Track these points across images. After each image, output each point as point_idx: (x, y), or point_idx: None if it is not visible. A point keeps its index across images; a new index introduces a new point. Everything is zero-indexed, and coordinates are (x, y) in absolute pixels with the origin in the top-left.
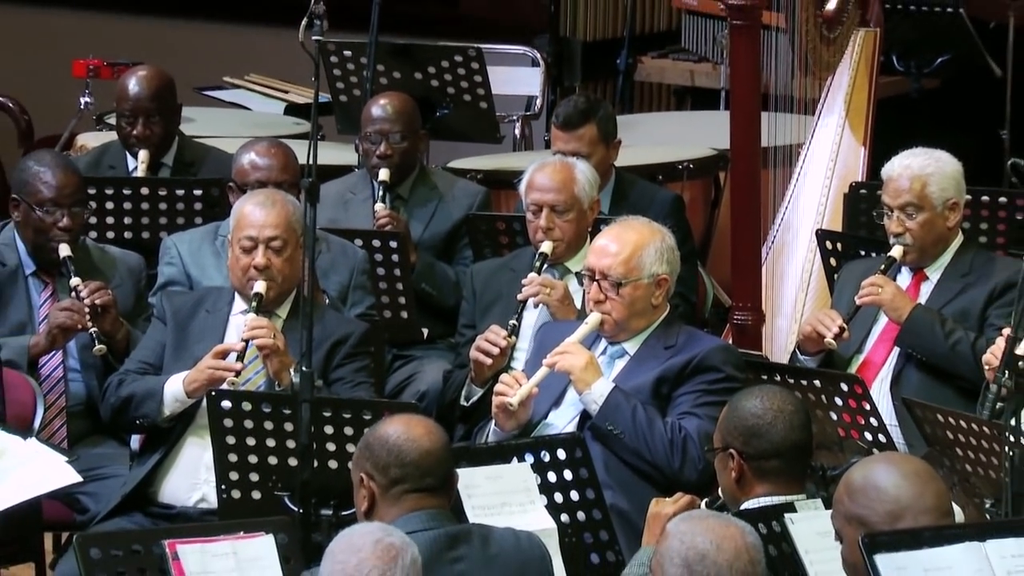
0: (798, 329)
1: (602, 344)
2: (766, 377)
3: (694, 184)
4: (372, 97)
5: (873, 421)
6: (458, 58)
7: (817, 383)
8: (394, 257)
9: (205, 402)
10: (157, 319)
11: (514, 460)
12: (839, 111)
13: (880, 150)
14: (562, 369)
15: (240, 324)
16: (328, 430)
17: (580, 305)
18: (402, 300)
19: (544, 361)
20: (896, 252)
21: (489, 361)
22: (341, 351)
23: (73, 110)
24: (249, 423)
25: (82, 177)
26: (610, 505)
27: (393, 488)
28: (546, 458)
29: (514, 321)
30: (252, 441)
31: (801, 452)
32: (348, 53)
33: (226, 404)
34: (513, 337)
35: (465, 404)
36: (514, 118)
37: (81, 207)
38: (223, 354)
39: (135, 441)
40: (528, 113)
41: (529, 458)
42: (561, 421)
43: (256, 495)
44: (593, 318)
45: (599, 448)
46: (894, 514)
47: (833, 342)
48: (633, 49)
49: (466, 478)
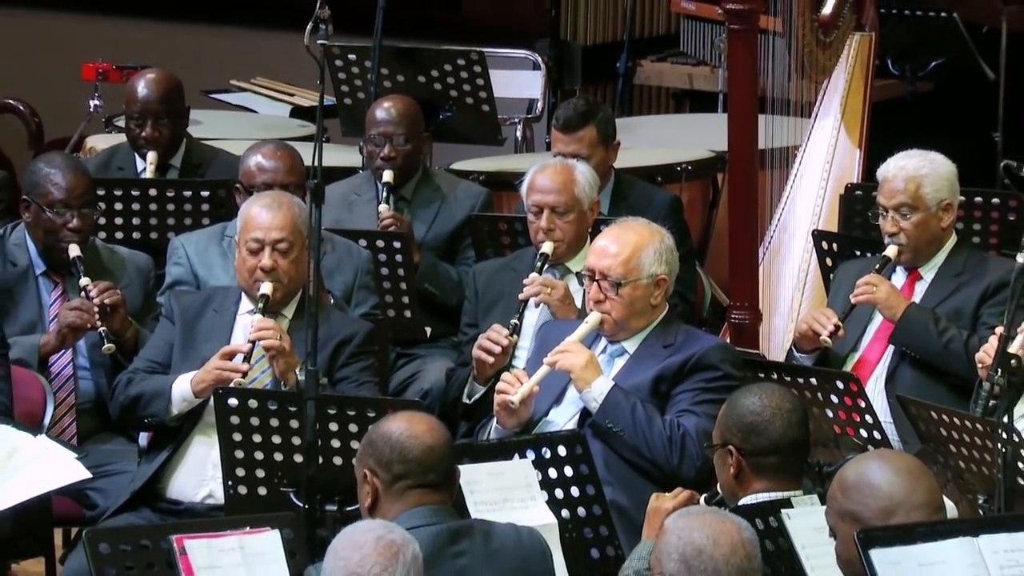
0: (794, 327)
1: (602, 343)
2: (763, 375)
3: (692, 185)
4: (376, 100)
5: (868, 418)
6: (460, 62)
7: (813, 381)
8: (398, 257)
9: (212, 400)
10: (165, 318)
11: (515, 456)
12: (835, 114)
13: (875, 152)
14: (562, 368)
15: (247, 324)
16: (333, 427)
17: (580, 304)
18: (405, 300)
19: (545, 360)
20: (891, 252)
21: (491, 360)
22: (346, 351)
23: (83, 113)
24: (255, 420)
25: (91, 179)
26: (610, 501)
27: (396, 484)
28: (547, 455)
29: (515, 320)
30: (258, 438)
31: (798, 449)
32: (352, 57)
33: (233, 402)
34: (515, 336)
35: (467, 402)
36: (515, 120)
37: (91, 208)
38: (230, 355)
39: (143, 438)
40: (529, 116)
41: (530, 454)
42: (562, 419)
43: (262, 491)
44: (593, 317)
45: (599, 445)
46: (887, 510)
47: (829, 340)
48: (632, 53)
49: (468, 474)
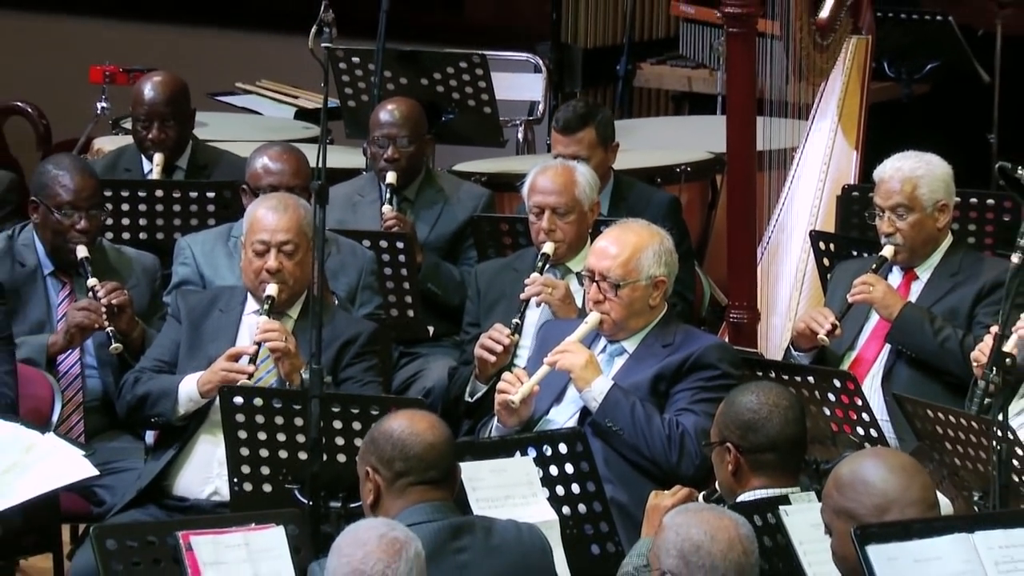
0: (792, 326)
1: (601, 342)
2: (761, 374)
3: (691, 186)
4: (380, 102)
5: (865, 416)
6: (463, 64)
7: (811, 379)
8: (401, 258)
9: (218, 399)
10: (172, 317)
11: (517, 454)
12: (832, 116)
13: (872, 154)
14: (563, 368)
15: (253, 324)
16: (337, 425)
17: (581, 304)
18: (408, 299)
19: (545, 360)
20: (887, 252)
21: (493, 358)
22: (351, 351)
23: (90, 115)
24: (260, 418)
25: (99, 181)
26: (610, 498)
27: (398, 481)
28: (548, 452)
29: (517, 320)
30: (263, 436)
31: (795, 446)
32: (356, 59)
33: (238, 400)
34: (516, 335)
35: (470, 400)
36: (517, 122)
37: (98, 210)
38: (236, 357)
39: (150, 436)
40: (531, 118)
41: (532, 452)
42: (562, 417)
43: (267, 488)
44: (593, 318)
45: (599, 443)
46: (881, 507)
47: (826, 339)
48: (632, 56)
49: (471, 471)
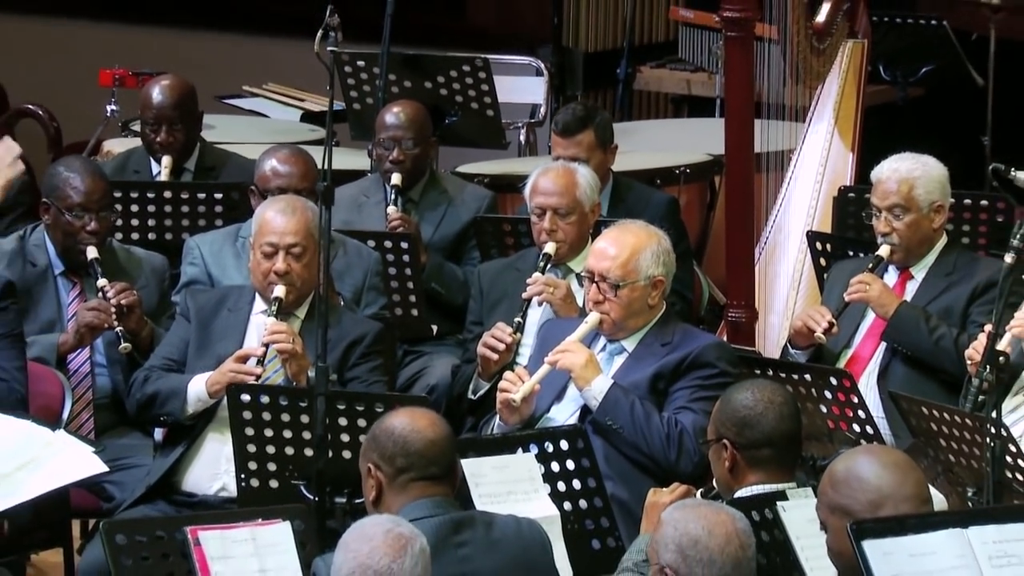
0: (789, 325)
1: (601, 342)
2: (759, 372)
3: (690, 188)
4: (385, 105)
5: (861, 413)
6: (466, 68)
7: (808, 377)
8: (405, 258)
9: (226, 397)
10: (181, 316)
11: (519, 450)
12: (828, 118)
13: (868, 155)
14: (563, 367)
15: (261, 323)
16: (342, 422)
17: (582, 303)
18: (413, 298)
19: (546, 359)
20: (883, 251)
21: (495, 356)
22: (357, 351)
23: (100, 117)
24: (267, 415)
25: (109, 183)
26: (610, 495)
27: (399, 477)
28: (550, 448)
29: (519, 319)
30: (270, 432)
31: (791, 441)
32: (361, 63)
33: (245, 398)
34: (518, 334)
35: (473, 397)
36: (519, 125)
37: (108, 211)
38: (244, 358)
39: (158, 433)
40: (532, 120)
41: (533, 449)
42: (562, 416)
43: (274, 484)
44: (592, 318)
45: (599, 441)
46: (875, 503)
47: (823, 336)
48: (632, 59)
49: (473, 468)
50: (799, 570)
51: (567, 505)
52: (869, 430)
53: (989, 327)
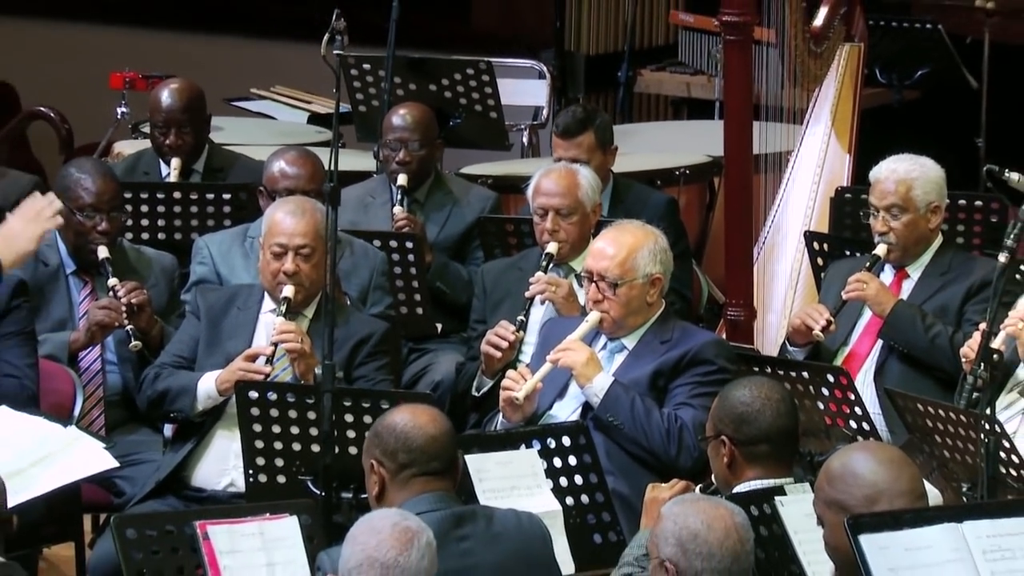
0: (787, 323)
1: (602, 340)
2: (757, 369)
3: (690, 188)
4: (392, 107)
5: (857, 410)
6: (469, 71)
7: (805, 374)
8: (410, 257)
9: (234, 394)
10: (191, 314)
11: (522, 447)
12: (826, 120)
13: (864, 157)
14: (564, 365)
15: (269, 322)
16: (348, 418)
17: (583, 301)
18: (418, 297)
19: (547, 358)
20: (880, 250)
21: (499, 354)
22: (363, 350)
23: (110, 120)
24: (275, 412)
25: (119, 184)
26: (611, 490)
27: (402, 472)
28: (552, 445)
29: (522, 317)
30: (277, 429)
31: (788, 437)
32: (367, 66)
33: (253, 395)
34: (521, 332)
35: (476, 394)
36: (522, 127)
37: (118, 212)
38: (254, 357)
39: (168, 429)
40: (535, 122)
41: (536, 445)
42: (564, 413)
43: (281, 479)
44: (593, 316)
45: (601, 437)
46: (871, 498)
47: (820, 334)
48: (633, 62)
49: (477, 463)
50: (796, 564)
51: (569, 500)
52: (865, 426)
53: (983, 325)
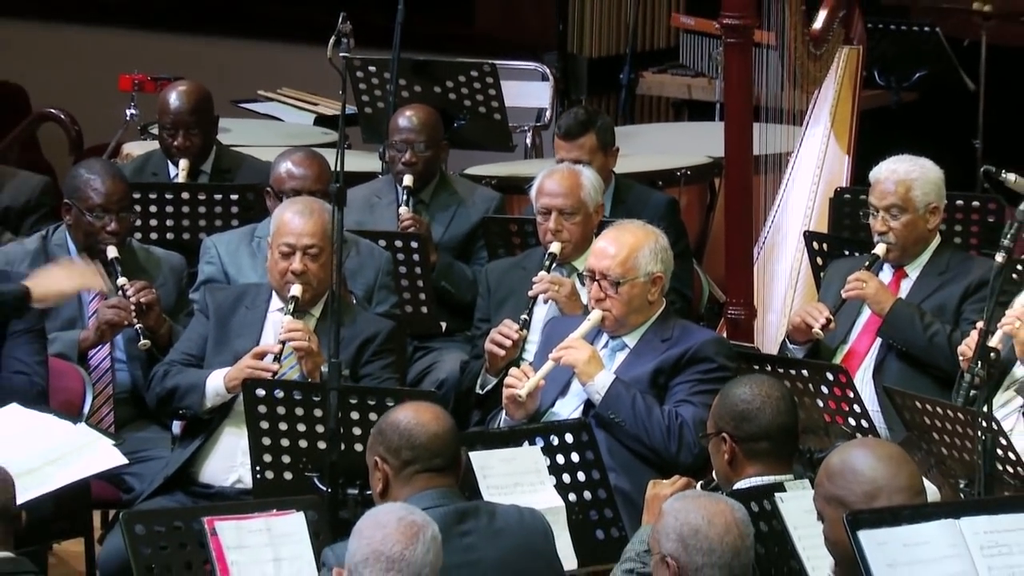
0: (787, 321)
1: (604, 338)
2: (758, 367)
3: (691, 189)
4: (399, 109)
5: (856, 408)
6: (474, 73)
7: (805, 373)
8: (415, 257)
9: (242, 391)
10: (200, 313)
11: (525, 444)
12: (825, 122)
13: (863, 158)
14: (567, 363)
15: (277, 321)
16: (354, 416)
17: (586, 300)
18: (423, 296)
19: (550, 355)
20: (880, 250)
21: (502, 352)
22: (370, 349)
23: (119, 121)
24: (282, 410)
25: (129, 184)
26: (613, 486)
27: (405, 469)
28: (555, 442)
29: (525, 316)
30: (284, 426)
31: (788, 434)
32: (372, 69)
33: (260, 392)
34: (524, 330)
35: (480, 392)
36: (525, 128)
37: (128, 212)
38: (262, 355)
39: (177, 426)
40: (538, 124)
41: (539, 442)
42: (566, 410)
43: (288, 476)
44: (595, 315)
45: (602, 434)
46: (870, 494)
47: (820, 332)
48: (635, 65)
49: (481, 460)
50: (796, 559)
51: (572, 496)
52: (864, 424)
53: (981, 324)
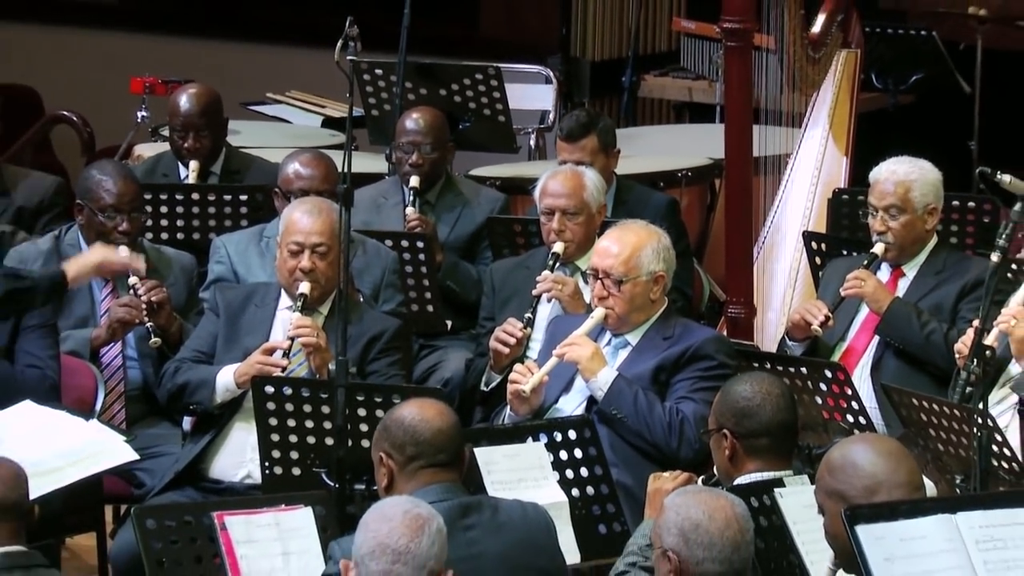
0: (786, 320)
1: (607, 336)
2: (757, 365)
3: (692, 190)
4: (406, 111)
5: (854, 404)
6: (478, 76)
7: (803, 370)
8: (421, 256)
9: (251, 389)
10: (210, 311)
11: (529, 440)
12: (823, 124)
13: (860, 159)
14: (570, 359)
15: (286, 319)
16: (361, 413)
17: (589, 299)
18: (428, 295)
19: (554, 352)
20: (878, 249)
21: (507, 350)
22: (376, 346)
23: (131, 123)
24: (290, 406)
25: (140, 185)
26: (616, 481)
27: (410, 464)
28: (558, 438)
29: (529, 314)
30: (293, 423)
31: (787, 431)
32: (379, 71)
33: (269, 389)
34: (528, 329)
35: (485, 389)
36: (529, 130)
37: (139, 212)
38: (271, 351)
39: (187, 422)
40: (542, 126)
41: (543, 438)
42: (570, 406)
43: (296, 471)
44: (598, 313)
45: (605, 430)
46: (870, 489)
47: (819, 329)
48: (637, 68)
49: (486, 456)
50: (795, 553)
51: (575, 492)
52: (862, 420)
53: (977, 323)
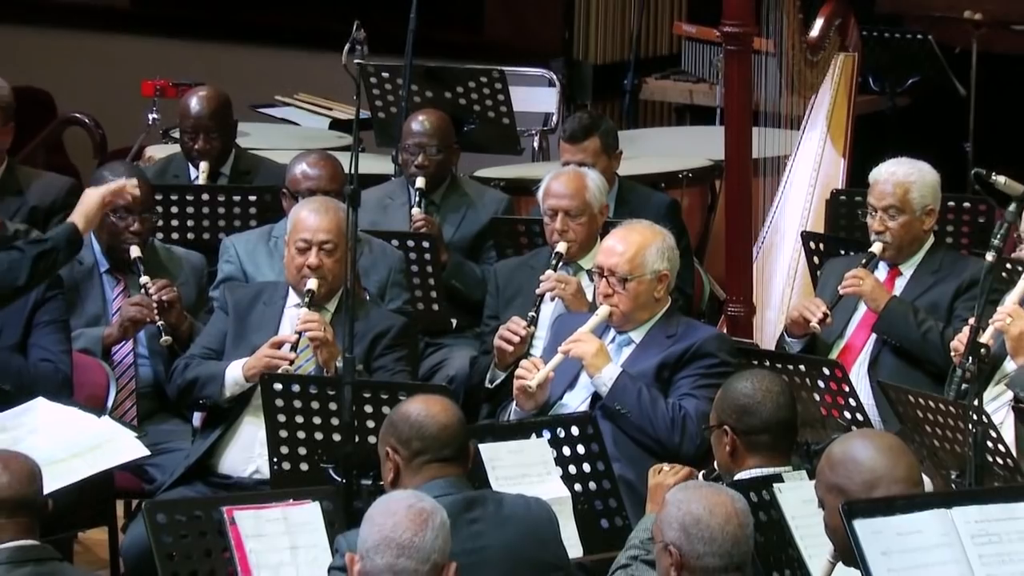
0: (785, 318)
1: (611, 333)
2: (756, 362)
3: (692, 191)
4: (412, 114)
5: (852, 401)
6: (483, 79)
7: (802, 368)
8: (427, 256)
9: (260, 386)
10: (219, 309)
11: (533, 436)
12: (821, 126)
13: (858, 161)
14: (575, 355)
15: (294, 316)
16: (368, 409)
17: (591, 298)
18: (433, 294)
19: (559, 348)
20: (876, 248)
21: (511, 348)
22: (382, 343)
23: (142, 125)
24: (298, 403)
25: (151, 186)
26: (618, 476)
27: (415, 459)
28: (561, 434)
29: (533, 313)
30: (301, 419)
31: (787, 428)
32: (386, 75)
33: (278, 386)
34: (532, 327)
35: (489, 387)
36: (532, 132)
37: (150, 213)
38: (279, 344)
39: (197, 419)
40: (545, 128)
41: (546, 434)
42: (574, 402)
43: (304, 467)
44: (603, 310)
45: (608, 425)
46: (870, 483)
47: (817, 327)
48: (638, 71)
49: (490, 452)
50: (794, 547)
51: (578, 487)
52: (859, 417)
53: (972, 321)
